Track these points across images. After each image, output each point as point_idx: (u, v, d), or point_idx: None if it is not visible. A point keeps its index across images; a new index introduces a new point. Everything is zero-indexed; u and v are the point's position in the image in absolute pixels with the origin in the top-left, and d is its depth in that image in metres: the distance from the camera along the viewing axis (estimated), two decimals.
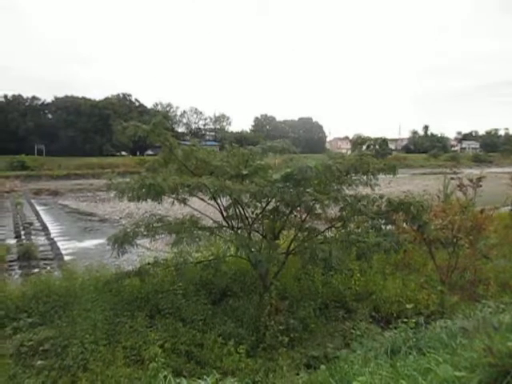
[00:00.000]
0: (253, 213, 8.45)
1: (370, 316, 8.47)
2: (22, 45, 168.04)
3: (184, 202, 8.18)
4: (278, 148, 9.29)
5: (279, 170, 7.72)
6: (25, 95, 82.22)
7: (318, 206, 7.84)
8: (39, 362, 6.38)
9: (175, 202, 7.92)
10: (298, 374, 5.67)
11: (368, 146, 8.94)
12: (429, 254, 9.35)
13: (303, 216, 8.56)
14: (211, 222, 8.58)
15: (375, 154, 8.56)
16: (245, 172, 7.88)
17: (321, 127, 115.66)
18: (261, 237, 8.34)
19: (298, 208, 8.18)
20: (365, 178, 8.20)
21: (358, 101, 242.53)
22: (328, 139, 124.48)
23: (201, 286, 8.75)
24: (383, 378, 3.23)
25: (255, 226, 8.46)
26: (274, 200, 7.91)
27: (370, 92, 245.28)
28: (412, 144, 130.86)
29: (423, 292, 8.86)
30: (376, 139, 9.01)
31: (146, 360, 6.03)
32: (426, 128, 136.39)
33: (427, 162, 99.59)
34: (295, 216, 8.65)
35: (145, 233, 7.58)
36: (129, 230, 7.56)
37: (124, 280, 8.19)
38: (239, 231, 8.14)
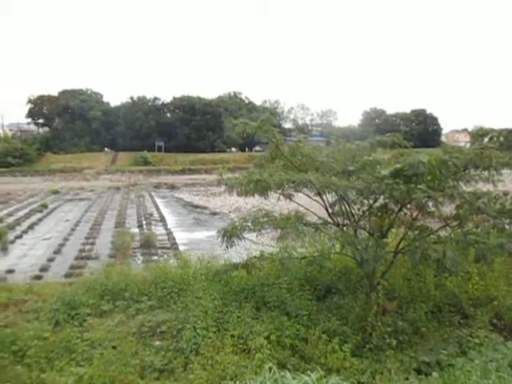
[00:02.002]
0: (359, 210, 8.22)
1: (491, 324, 7.70)
2: (146, 50, 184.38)
3: (289, 197, 8.27)
4: (388, 142, 8.90)
5: (388, 166, 7.42)
6: (148, 96, 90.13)
7: (430, 203, 7.38)
8: (157, 343, 6.95)
9: (281, 197, 8.06)
10: (407, 379, 5.42)
11: (491, 138, 8.17)
12: None
13: (414, 214, 8.11)
14: (316, 218, 8.56)
15: (499, 147, 7.78)
16: (351, 168, 7.69)
17: (435, 119, 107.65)
18: (367, 234, 8.08)
19: (409, 205, 7.78)
20: (486, 173, 7.50)
21: (479, 89, 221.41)
22: (444, 132, 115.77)
23: (305, 282, 8.77)
24: None
25: (361, 223, 8.21)
26: (382, 197, 7.62)
27: (493, 79, 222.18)
28: None
29: None
30: (501, 130, 8.19)
31: (253, 350, 6.22)
32: None
33: None
34: (405, 214, 8.22)
35: (251, 227, 7.78)
36: (237, 223, 7.85)
37: (232, 271, 8.53)
38: (345, 228, 7.98)
